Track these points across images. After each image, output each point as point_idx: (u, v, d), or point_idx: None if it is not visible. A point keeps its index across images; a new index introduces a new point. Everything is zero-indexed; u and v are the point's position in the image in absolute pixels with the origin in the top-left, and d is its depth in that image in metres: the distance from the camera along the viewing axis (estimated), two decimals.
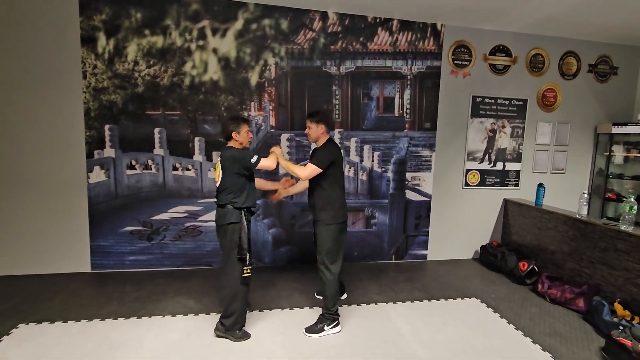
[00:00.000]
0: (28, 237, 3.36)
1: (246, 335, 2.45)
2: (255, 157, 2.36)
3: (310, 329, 2.54)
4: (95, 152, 3.41)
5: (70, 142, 3.34)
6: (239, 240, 2.35)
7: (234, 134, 2.39)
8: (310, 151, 2.91)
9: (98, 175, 3.44)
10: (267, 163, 2.40)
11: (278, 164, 2.53)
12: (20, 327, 2.50)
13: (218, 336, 2.43)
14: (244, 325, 2.46)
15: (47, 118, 3.27)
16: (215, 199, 2.46)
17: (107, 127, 3.41)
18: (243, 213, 2.37)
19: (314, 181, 2.51)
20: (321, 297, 2.72)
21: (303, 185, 2.79)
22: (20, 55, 3.17)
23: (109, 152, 3.44)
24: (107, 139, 3.42)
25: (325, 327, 2.53)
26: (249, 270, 2.39)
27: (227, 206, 2.35)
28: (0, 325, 2.50)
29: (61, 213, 3.39)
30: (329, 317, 2.54)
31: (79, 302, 2.89)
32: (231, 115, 2.53)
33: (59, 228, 3.40)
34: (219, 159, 2.39)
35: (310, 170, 2.42)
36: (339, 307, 2.67)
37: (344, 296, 2.95)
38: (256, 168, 2.38)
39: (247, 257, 2.37)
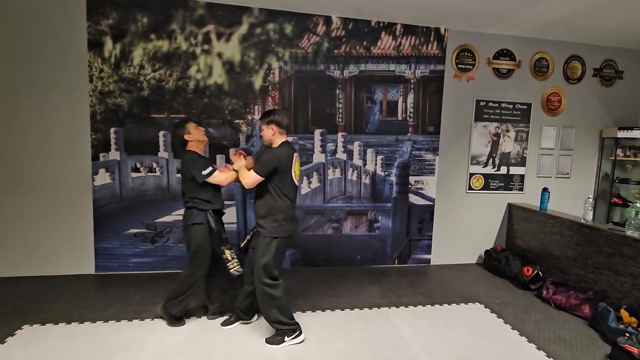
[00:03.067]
0: (33, 239, 3.39)
1: (181, 322, 2.59)
2: (209, 170, 2.39)
3: (269, 340, 2.40)
4: (101, 154, 3.44)
5: (76, 145, 3.38)
6: (202, 242, 2.44)
7: (186, 137, 2.46)
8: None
9: (103, 177, 3.47)
10: (220, 178, 2.42)
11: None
12: (25, 328, 2.51)
13: (161, 313, 2.59)
14: (181, 315, 2.60)
15: (53, 121, 3.31)
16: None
17: (112, 130, 3.44)
18: (207, 215, 2.45)
19: (259, 185, 2.30)
20: (218, 317, 2.68)
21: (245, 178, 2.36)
22: (28, 59, 3.22)
23: (114, 154, 3.47)
24: (112, 141, 3.45)
25: (286, 338, 2.38)
26: (236, 264, 2.45)
27: (190, 207, 2.46)
28: (5, 327, 2.52)
29: (66, 215, 3.42)
30: (287, 329, 2.38)
31: (82, 304, 2.91)
32: (174, 123, 2.57)
33: (63, 230, 3.43)
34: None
35: (250, 178, 2.25)
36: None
37: (255, 318, 2.71)
38: (206, 180, 2.39)
39: (227, 253, 2.45)
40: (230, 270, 2.44)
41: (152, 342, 2.39)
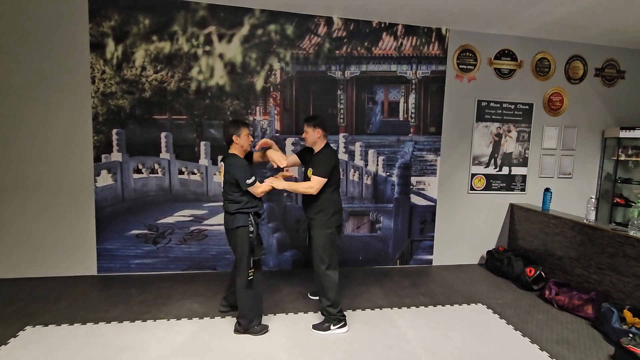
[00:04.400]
0: (36, 240, 3.40)
1: (264, 329, 2.55)
2: (252, 179, 2.40)
3: (317, 326, 2.62)
4: (103, 156, 3.45)
5: (79, 146, 3.39)
6: (250, 244, 2.42)
7: (234, 137, 2.45)
8: (300, 150, 2.90)
9: (105, 179, 3.48)
10: (258, 191, 2.44)
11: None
12: (27, 329, 2.52)
13: (238, 333, 2.52)
14: (260, 321, 2.57)
15: (56, 122, 3.33)
16: (221, 203, 2.51)
17: (114, 131, 3.45)
18: (250, 216, 2.44)
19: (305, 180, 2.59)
20: (316, 298, 2.92)
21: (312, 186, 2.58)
22: (31, 61, 3.23)
23: (116, 156, 3.48)
24: (114, 143, 3.46)
25: (332, 327, 2.59)
26: (252, 273, 2.46)
27: (234, 212, 2.43)
28: (8, 328, 2.53)
29: (69, 216, 3.43)
30: (334, 318, 2.60)
31: (85, 305, 2.91)
32: (231, 119, 2.56)
33: (66, 231, 3.44)
34: (222, 164, 2.51)
35: (317, 183, 2.48)
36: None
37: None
38: (247, 189, 2.41)
39: (251, 260, 2.44)
40: (248, 278, 2.45)
41: (155, 343, 2.39)
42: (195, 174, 3.64)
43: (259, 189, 2.44)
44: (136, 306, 2.90)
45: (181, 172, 3.62)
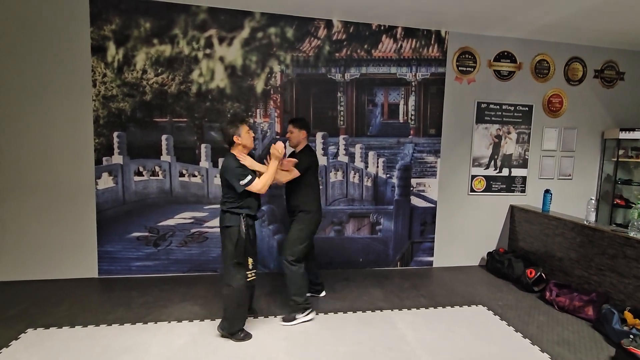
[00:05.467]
0: (37, 242, 3.41)
1: (248, 336, 2.50)
2: (247, 179, 2.32)
3: (286, 319, 2.74)
4: (104, 158, 3.46)
5: (80, 149, 3.40)
6: (237, 244, 2.37)
7: (235, 138, 2.38)
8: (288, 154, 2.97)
9: (106, 181, 3.49)
10: (258, 187, 2.36)
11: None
12: (29, 332, 2.53)
13: (222, 335, 2.50)
14: (243, 327, 2.52)
15: (57, 125, 3.34)
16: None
17: (115, 134, 3.47)
18: (242, 217, 2.40)
19: (292, 183, 2.76)
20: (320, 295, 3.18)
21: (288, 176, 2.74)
22: (32, 64, 3.25)
23: (117, 158, 3.49)
24: (115, 145, 3.47)
25: (298, 316, 2.73)
26: (253, 274, 2.46)
27: (226, 212, 2.42)
28: (9, 330, 2.53)
29: (70, 219, 3.44)
30: (301, 307, 2.74)
31: (86, 307, 2.92)
32: (229, 118, 2.47)
33: (67, 233, 3.45)
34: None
35: (291, 175, 2.69)
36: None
37: (323, 294, 3.24)
38: (246, 189, 2.34)
39: (250, 261, 2.44)
40: (247, 279, 2.46)
41: (156, 345, 2.40)
42: (196, 176, 3.65)
43: (258, 185, 2.35)
44: (137, 308, 2.91)
45: (182, 175, 3.63)
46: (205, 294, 3.20)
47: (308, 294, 2.89)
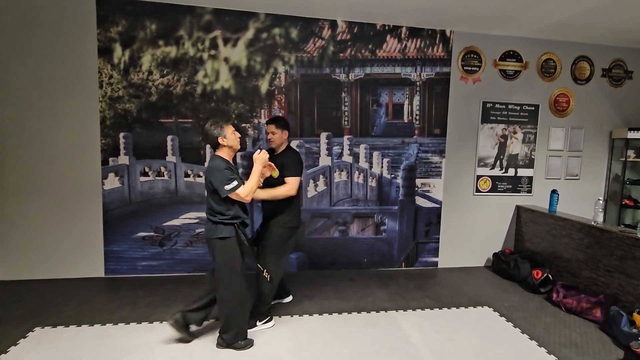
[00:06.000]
0: (44, 242, 3.45)
1: (250, 343, 2.40)
2: (233, 184, 2.14)
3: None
4: (110, 159, 3.50)
5: (87, 150, 3.44)
6: (243, 255, 2.27)
7: (220, 140, 2.23)
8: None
9: (112, 181, 3.52)
10: (243, 195, 2.17)
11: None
12: (36, 330, 2.56)
13: (221, 347, 2.38)
14: (246, 336, 2.41)
15: (64, 126, 3.38)
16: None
17: (121, 135, 3.50)
18: (235, 226, 2.23)
19: (272, 185, 2.52)
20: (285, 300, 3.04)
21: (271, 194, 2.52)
22: (40, 66, 3.29)
23: (123, 159, 3.52)
24: (121, 146, 3.50)
25: (258, 323, 2.64)
26: (266, 274, 2.49)
27: (218, 224, 2.22)
28: (17, 329, 2.57)
29: (76, 219, 3.48)
30: (263, 314, 2.66)
31: (92, 306, 2.94)
32: (211, 121, 2.29)
33: (74, 233, 3.48)
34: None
35: (294, 183, 2.51)
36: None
37: (289, 299, 3.11)
38: (228, 195, 2.17)
39: (259, 267, 2.46)
40: (265, 277, 2.50)
41: (161, 345, 2.41)
42: (201, 176, 3.67)
43: (243, 192, 2.17)
44: (143, 308, 2.93)
45: (187, 175, 3.65)
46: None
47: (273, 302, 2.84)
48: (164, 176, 3.62)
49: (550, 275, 3.47)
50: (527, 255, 3.88)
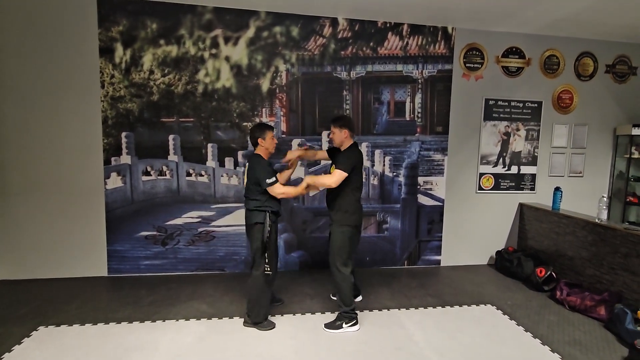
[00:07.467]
0: (47, 242, 3.46)
1: (271, 325, 2.64)
2: (272, 179, 2.50)
3: (329, 325, 2.66)
4: (112, 158, 3.50)
5: (89, 149, 3.45)
6: (262, 240, 2.52)
7: (259, 140, 2.59)
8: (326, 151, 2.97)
9: (115, 181, 3.53)
10: (277, 191, 2.52)
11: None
12: (40, 329, 2.57)
13: (247, 325, 2.64)
14: (267, 317, 2.67)
15: (66, 126, 3.39)
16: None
17: (123, 134, 3.50)
18: (267, 215, 2.53)
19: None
20: (336, 298, 2.90)
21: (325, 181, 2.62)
22: (42, 66, 3.30)
23: (125, 158, 3.53)
24: (123, 146, 3.51)
25: (344, 325, 2.63)
26: (268, 269, 2.56)
27: (253, 210, 2.57)
28: (21, 327, 2.58)
29: (79, 218, 3.49)
30: (347, 315, 2.64)
31: (95, 305, 2.96)
32: (258, 124, 2.73)
33: (77, 233, 3.50)
34: (247, 164, 2.64)
35: (337, 176, 2.53)
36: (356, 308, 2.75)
37: (359, 298, 3.11)
38: (267, 189, 2.51)
39: (266, 255, 2.55)
40: (265, 272, 2.57)
41: (165, 343, 2.42)
42: (203, 175, 3.67)
43: (279, 189, 2.53)
44: (146, 307, 2.94)
45: (189, 174, 3.65)
46: (213, 293, 3.22)
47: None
48: (165, 175, 3.62)
49: (553, 273, 3.45)
50: (530, 253, 3.86)
